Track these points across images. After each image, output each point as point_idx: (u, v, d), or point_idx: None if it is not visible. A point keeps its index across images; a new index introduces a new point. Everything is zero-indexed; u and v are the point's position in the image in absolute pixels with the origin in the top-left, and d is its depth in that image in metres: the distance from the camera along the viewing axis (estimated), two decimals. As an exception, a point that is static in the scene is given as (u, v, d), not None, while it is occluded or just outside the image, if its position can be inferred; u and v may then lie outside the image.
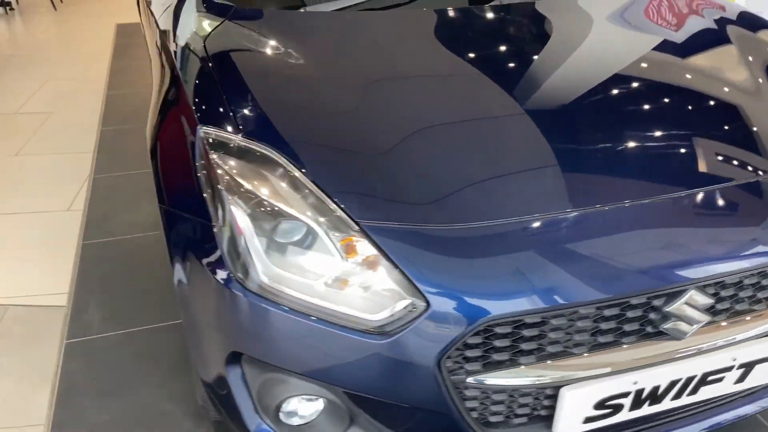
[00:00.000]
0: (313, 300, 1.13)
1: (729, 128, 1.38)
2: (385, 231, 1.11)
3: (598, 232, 1.13)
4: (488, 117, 1.33)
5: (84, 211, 2.80)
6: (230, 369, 1.25)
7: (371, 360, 1.12)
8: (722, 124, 1.39)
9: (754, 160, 1.31)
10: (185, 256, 1.27)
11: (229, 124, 1.27)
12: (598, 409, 1.18)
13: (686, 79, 1.53)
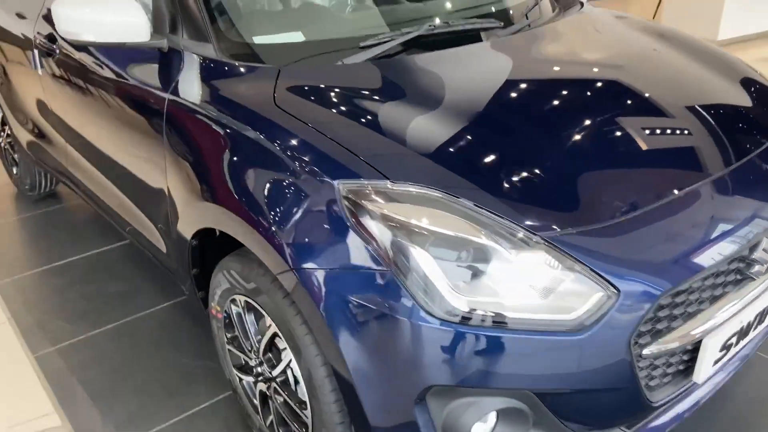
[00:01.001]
0: (509, 314, 1.22)
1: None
2: (560, 238, 1.24)
3: (715, 204, 1.39)
4: (608, 128, 1.52)
5: (12, 322, 2.46)
6: (418, 408, 1.29)
7: (569, 356, 1.24)
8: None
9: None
10: (353, 312, 1.27)
11: (367, 175, 1.31)
12: (721, 351, 1.43)
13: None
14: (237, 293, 1.64)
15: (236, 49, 1.71)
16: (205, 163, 1.57)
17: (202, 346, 2.27)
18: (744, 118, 1.70)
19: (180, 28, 1.74)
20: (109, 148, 2.08)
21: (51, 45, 2.28)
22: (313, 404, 1.48)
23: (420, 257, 1.23)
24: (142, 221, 2.07)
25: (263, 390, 1.72)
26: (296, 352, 1.47)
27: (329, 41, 1.81)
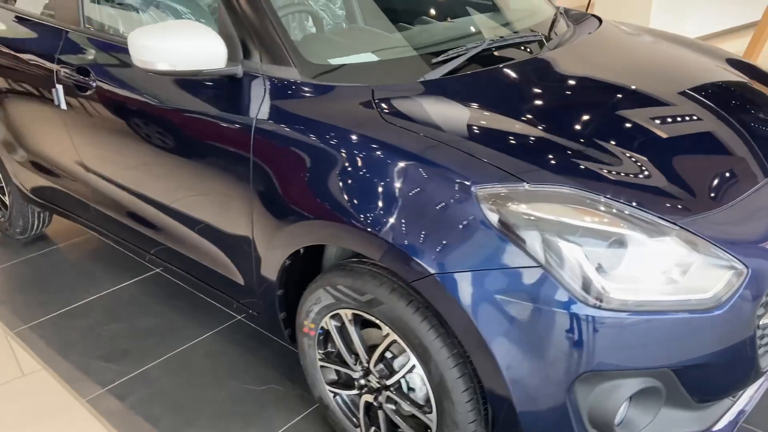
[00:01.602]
0: (656, 297, 1.33)
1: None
2: (691, 223, 1.37)
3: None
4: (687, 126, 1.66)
5: (48, 369, 2.35)
6: (569, 395, 1.36)
7: (707, 332, 1.36)
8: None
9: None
10: (503, 310, 1.34)
11: (501, 179, 1.39)
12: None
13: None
14: (343, 307, 1.67)
15: (318, 71, 1.74)
16: (311, 181, 1.59)
17: (261, 371, 2.25)
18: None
19: (256, 53, 1.76)
20: (170, 182, 2.04)
21: (84, 79, 2.21)
22: (445, 405, 1.52)
23: (570, 250, 1.31)
24: (209, 253, 2.04)
25: (369, 401, 1.74)
26: (424, 358, 1.51)
27: (401, 60, 1.88)
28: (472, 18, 2.29)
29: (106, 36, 2.26)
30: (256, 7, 1.78)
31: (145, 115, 2.05)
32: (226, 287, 2.09)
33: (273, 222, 1.72)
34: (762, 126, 1.75)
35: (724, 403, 1.55)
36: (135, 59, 1.73)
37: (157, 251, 2.34)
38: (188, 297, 2.69)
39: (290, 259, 1.75)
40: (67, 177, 2.58)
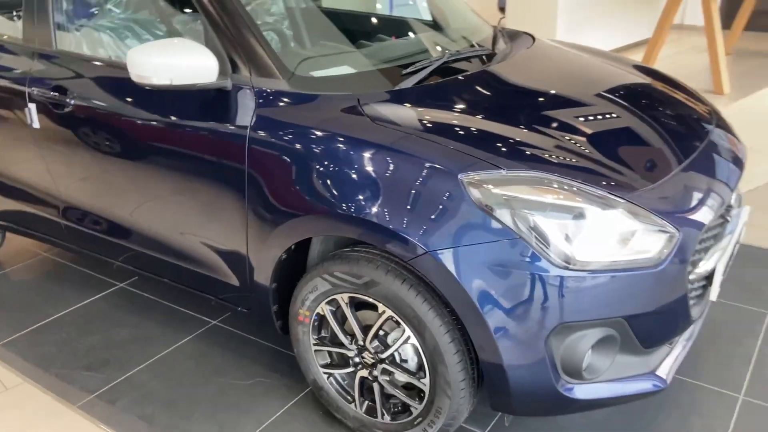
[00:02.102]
0: (611, 258, 1.62)
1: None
2: (634, 197, 1.67)
3: (710, 164, 1.91)
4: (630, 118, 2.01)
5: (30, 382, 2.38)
6: (545, 346, 1.63)
7: (652, 285, 1.66)
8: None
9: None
10: (490, 277, 1.59)
11: (481, 168, 1.65)
12: (722, 274, 1.94)
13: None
14: (340, 292, 1.86)
15: (303, 83, 1.95)
16: (308, 180, 1.79)
17: (246, 367, 2.39)
18: (700, 113, 2.24)
19: (245, 67, 1.95)
20: (157, 193, 2.16)
21: (61, 98, 2.31)
22: (439, 369, 1.75)
23: (540, 222, 1.58)
24: (203, 259, 2.17)
25: (364, 376, 1.94)
26: (418, 329, 1.74)
27: (375, 72, 2.12)
28: (427, 35, 2.57)
29: (83, 56, 2.36)
30: (241, 25, 1.97)
31: (128, 130, 2.17)
32: (219, 289, 2.22)
33: (269, 221, 1.90)
34: (668, 119, 2.10)
35: (663, 349, 1.86)
36: (133, 75, 1.87)
37: (142, 263, 2.43)
38: (158, 307, 2.79)
39: (286, 253, 1.93)
40: (35, 195, 2.63)
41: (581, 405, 1.74)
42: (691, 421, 2.07)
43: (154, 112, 2.11)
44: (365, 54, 2.31)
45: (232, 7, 1.99)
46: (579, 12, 6.68)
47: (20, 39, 2.52)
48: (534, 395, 1.70)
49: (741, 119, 5.09)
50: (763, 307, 2.64)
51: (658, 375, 1.81)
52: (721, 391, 2.19)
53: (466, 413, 1.84)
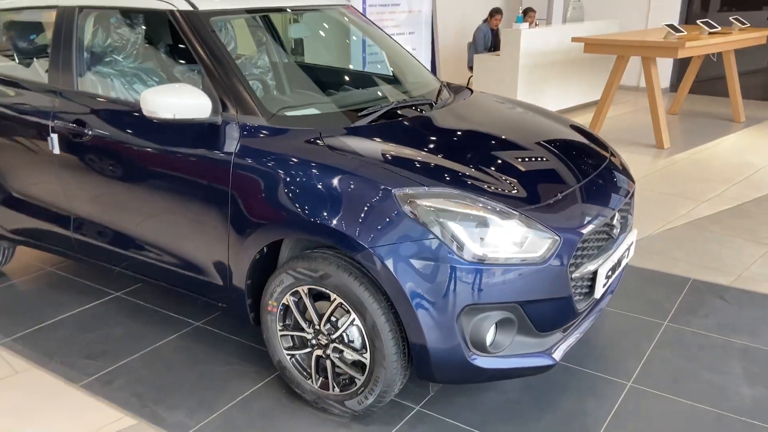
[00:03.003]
0: (506, 255, 2.12)
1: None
2: (526, 211, 2.19)
3: (592, 192, 2.45)
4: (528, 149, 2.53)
5: (36, 368, 2.80)
6: (456, 323, 2.12)
7: (538, 277, 2.16)
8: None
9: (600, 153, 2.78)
10: (414, 267, 2.09)
11: (410, 184, 2.17)
12: (606, 278, 2.45)
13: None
14: (301, 285, 2.35)
15: (278, 120, 2.48)
16: (284, 193, 2.29)
17: (223, 357, 2.84)
18: (592, 151, 2.80)
19: (231, 107, 2.48)
20: (156, 205, 2.65)
21: (80, 129, 2.82)
22: (376, 345, 2.22)
23: (453, 227, 2.09)
24: (193, 264, 2.64)
25: (319, 354, 2.40)
26: (361, 312, 2.22)
27: (335, 113, 2.66)
28: (384, 87, 3.14)
29: (99, 96, 2.89)
30: (231, 74, 2.50)
31: (133, 156, 2.67)
32: (204, 289, 2.68)
33: (244, 227, 2.39)
34: (563, 155, 2.63)
35: (557, 335, 2.35)
36: (144, 110, 2.39)
37: (135, 267, 2.90)
38: (149, 311, 3.24)
39: (259, 254, 2.42)
40: (50, 211, 3.10)
41: (488, 374, 2.22)
42: (586, 401, 2.54)
43: (156, 142, 2.62)
44: (331, 99, 2.86)
45: (225, 60, 2.53)
46: (537, 73, 7.38)
47: (44, 82, 3.05)
48: (449, 365, 2.18)
49: (675, 169, 5.72)
50: (661, 319, 3.14)
51: (550, 355, 2.29)
52: (614, 379, 2.67)
53: (398, 384, 2.30)
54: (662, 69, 9.49)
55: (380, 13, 5.19)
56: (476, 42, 8.03)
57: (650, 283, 3.53)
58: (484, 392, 2.60)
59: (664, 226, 4.38)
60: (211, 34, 2.60)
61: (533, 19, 8.27)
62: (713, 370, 2.74)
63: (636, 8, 9.54)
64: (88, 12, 2.95)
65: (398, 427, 2.41)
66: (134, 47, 3.12)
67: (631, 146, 6.50)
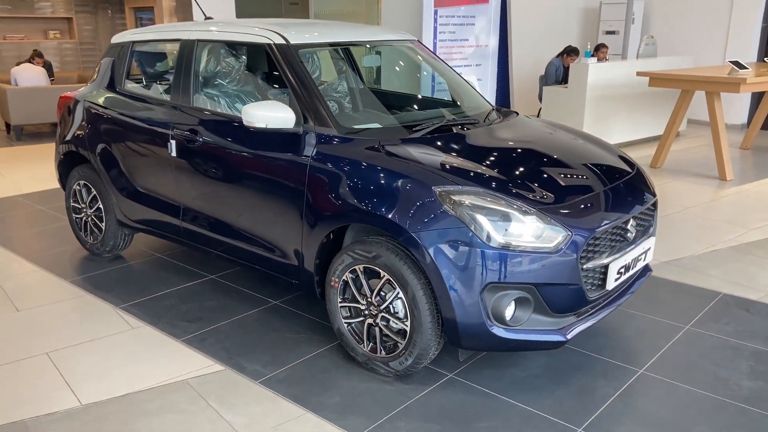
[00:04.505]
0: (525, 244, 2.60)
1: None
2: (543, 208, 2.66)
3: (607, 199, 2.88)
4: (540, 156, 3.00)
5: (148, 327, 3.48)
6: (481, 297, 2.60)
7: (551, 264, 2.61)
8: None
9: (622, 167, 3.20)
10: (447, 249, 2.59)
11: (448, 183, 2.69)
12: (617, 273, 2.86)
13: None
14: (358, 264, 2.90)
15: (346, 131, 3.07)
16: (347, 188, 2.86)
17: (294, 327, 3.42)
18: (614, 166, 3.23)
19: (310, 120, 3.09)
20: (248, 199, 3.30)
21: (193, 136, 3.52)
22: (415, 314, 2.73)
23: (480, 219, 2.59)
24: (275, 248, 3.25)
25: (370, 323, 2.93)
26: (404, 287, 2.74)
27: (394, 127, 3.24)
28: (439, 109, 3.70)
29: (209, 110, 3.59)
30: (312, 96, 3.13)
31: (233, 159, 3.34)
32: (283, 269, 3.28)
33: (317, 215, 2.98)
34: (586, 168, 3.07)
35: (571, 318, 2.78)
36: (244, 120, 3.04)
37: (229, 250, 3.55)
38: (237, 291, 3.88)
39: (326, 238, 3.00)
40: (165, 203, 3.82)
41: (506, 343, 2.67)
42: (597, 381, 2.94)
43: (250, 147, 3.27)
44: (394, 117, 3.44)
45: (308, 83, 3.16)
46: (604, 105, 7.72)
47: (167, 99, 3.79)
48: (473, 333, 2.66)
49: (733, 200, 5.92)
50: (683, 323, 3.48)
51: (561, 333, 2.73)
52: (627, 366, 3.05)
53: (432, 349, 2.79)
54: (739, 105, 9.57)
55: (449, 47, 5.76)
56: (548, 75, 8.46)
57: (681, 294, 3.85)
58: (509, 368, 3.04)
59: (708, 248, 4.65)
60: (299, 63, 3.24)
61: (605, 54, 8.61)
62: (721, 366, 3.06)
63: (713, 45, 9.69)
64: (204, 44, 3.69)
65: (433, 387, 2.89)
66: (237, 73, 3.83)
67: (693, 177, 6.72)
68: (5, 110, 9.01)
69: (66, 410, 2.73)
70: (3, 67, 10.57)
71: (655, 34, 10.15)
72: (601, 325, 3.42)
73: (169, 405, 2.76)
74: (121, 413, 2.71)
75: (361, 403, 2.77)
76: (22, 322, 3.54)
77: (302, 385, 2.91)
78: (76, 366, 3.08)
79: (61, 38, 12.00)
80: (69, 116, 4.40)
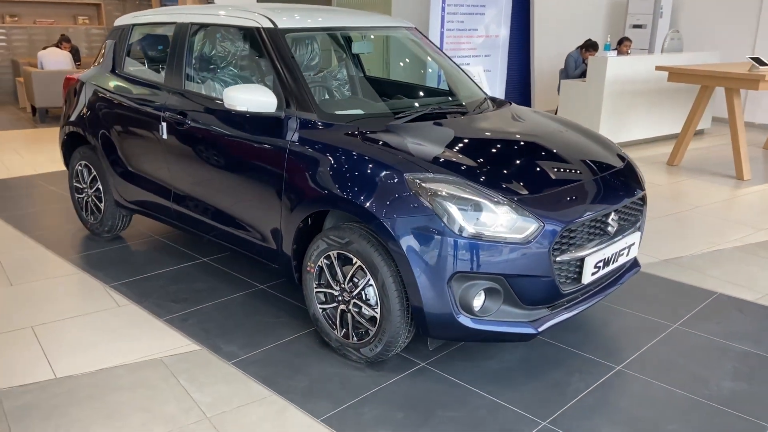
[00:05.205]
0: (495, 233, 2.56)
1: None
2: (516, 199, 2.62)
3: (587, 191, 2.82)
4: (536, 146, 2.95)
5: (134, 305, 3.53)
6: (447, 287, 2.57)
7: (521, 255, 2.57)
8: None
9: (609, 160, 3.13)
10: (415, 236, 2.57)
11: (419, 170, 2.66)
12: (594, 268, 2.80)
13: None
14: (332, 250, 2.89)
15: (328, 117, 3.06)
16: (322, 173, 2.86)
17: (274, 311, 3.43)
18: (600, 158, 3.16)
19: (293, 105, 3.09)
20: (232, 182, 3.32)
21: (182, 119, 3.55)
22: (384, 301, 2.71)
23: (450, 207, 2.56)
24: (255, 231, 3.27)
25: (342, 309, 2.93)
26: (374, 274, 2.72)
27: (377, 114, 3.21)
28: (431, 98, 3.67)
29: (198, 93, 3.62)
30: (297, 80, 3.13)
31: (219, 143, 3.36)
32: (264, 253, 3.30)
33: (293, 199, 2.98)
34: (565, 158, 3.00)
35: (543, 310, 2.74)
36: (226, 103, 3.05)
37: (217, 235, 3.58)
38: (226, 275, 3.92)
39: (303, 223, 3.00)
40: (157, 185, 3.87)
41: (474, 333, 2.64)
42: (572, 375, 2.89)
43: (235, 131, 3.28)
44: (382, 104, 3.42)
45: (292, 68, 3.16)
46: (623, 101, 7.56)
47: (162, 83, 3.83)
48: (440, 322, 2.63)
49: (746, 200, 5.76)
50: (671, 322, 3.39)
51: (532, 325, 2.68)
52: (604, 362, 2.99)
53: (402, 338, 2.78)
54: (767, 104, 9.29)
55: (458, 37, 5.70)
56: (567, 67, 8.32)
57: (675, 292, 3.77)
58: (484, 360, 3.01)
59: (711, 247, 4.53)
60: (285, 47, 3.24)
61: (627, 48, 8.43)
62: (703, 366, 2.98)
63: (741, 41, 9.42)
64: (196, 27, 3.71)
65: (403, 375, 2.88)
66: (228, 57, 3.84)
67: (710, 176, 6.55)
68: (31, 93, 9.22)
69: (40, 382, 2.79)
70: (33, 51, 10.81)
71: (682, 28, 9.91)
72: (584, 320, 3.36)
73: (141, 381, 2.80)
74: (92, 387, 2.76)
75: (329, 388, 2.77)
76: (13, 295, 3.63)
77: (274, 367, 2.92)
78: (58, 340, 3.15)
79: (90, 24, 12.22)
80: (72, 98, 4.49)
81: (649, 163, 7.14)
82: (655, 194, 5.87)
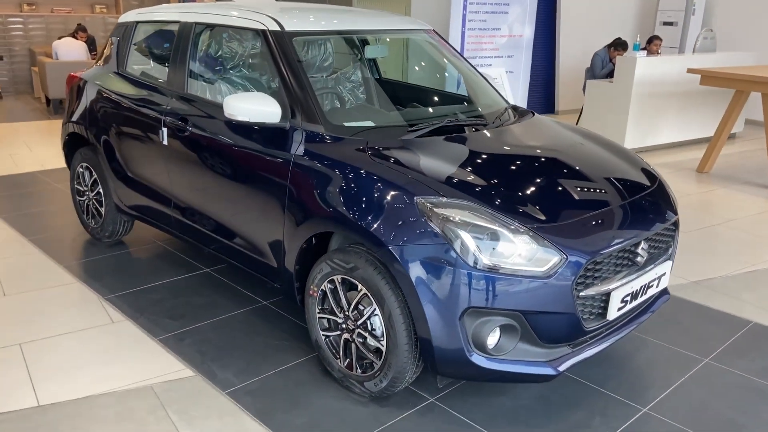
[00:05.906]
0: (511, 267, 2.32)
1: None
2: (537, 227, 2.38)
3: (615, 218, 2.56)
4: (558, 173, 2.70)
5: (129, 321, 3.35)
6: (459, 323, 2.34)
7: (541, 290, 2.33)
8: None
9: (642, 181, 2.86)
10: (425, 266, 2.34)
11: (431, 194, 2.42)
12: (621, 302, 2.55)
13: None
14: (336, 274, 2.67)
15: (336, 129, 2.83)
16: (328, 191, 2.64)
17: (276, 333, 3.23)
18: (628, 179, 2.90)
19: (298, 115, 2.87)
20: (234, 193, 3.11)
21: (183, 125, 3.35)
22: (391, 334, 2.49)
23: (464, 236, 2.32)
24: (255, 247, 3.06)
25: (346, 338, 2.71)
26: (380, 303, 2.50)
27: (390, 126, 2.98)
28: (449, 106, 3.41)
29: (200, 98, 3.41)
30: (303, 89, 2.90)
31: (219, 149, 3.15)
32: (264, 270, 3.10)
33: (296, 218, 2.77)
34: (590, 179, 2.75)
35: (564, 348, 2.50)
36: (226, 113, 2.84)
37: (217, 247, 3.38)
38: (229, 288, 3.72)
39: (306, 243, 2.78)
40: (157, 192, 3.67)
41: (487, 373, 2.41)
42: (594, 418, 2.65)
43: (236, 138, 3.07)
44: (396, 114, 3.18)
45: (299, 75, 2.93)
46: (652, 103, 7.23)
47: (163, 84, 3.63)
48: (450, 360, 2.41)
49: (780, 213, 5.44)
50: (702, 356, 3.13)
51: (553, 366, 2.45)
52: (629, 403, 2.75)
53: (409, 373, 2.56)
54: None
55: (479, 37, 5.42)
56: (594, 66, 7.99)
57: (706, 320, 3.50)
58: (498, 396, 2.78)
59: (746, 268, 4.25)
60: (292, 52, 3.01)
61: (658, 47, 8.08)
62: (738, 410, 2.72)
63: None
64: (201, 27, 3.49)
65: (410, 412, 2.66)
66: (234, 60, 3.63)
67: (743, 185, 6.22)
68: (44, 83, 9.10)
69: (22, 410, 2.62)
70: (49, 40, 10.69)
71: (716, 27, 9.50)
72: (607, 352, 3.12)
73: (127, 412, 2.61)
74: (75, 417, 2.58)
75: (328, 426, 2.56)
76: (5, 307, 3.46)
77: (271, 398, 2.72)
78: (45, 360, 2.97)
79: (107, 13, 12.08)
80: (74, 96, 4.31)
81: (678, 169, 6.82)
82: (683, 205, 5.57)
